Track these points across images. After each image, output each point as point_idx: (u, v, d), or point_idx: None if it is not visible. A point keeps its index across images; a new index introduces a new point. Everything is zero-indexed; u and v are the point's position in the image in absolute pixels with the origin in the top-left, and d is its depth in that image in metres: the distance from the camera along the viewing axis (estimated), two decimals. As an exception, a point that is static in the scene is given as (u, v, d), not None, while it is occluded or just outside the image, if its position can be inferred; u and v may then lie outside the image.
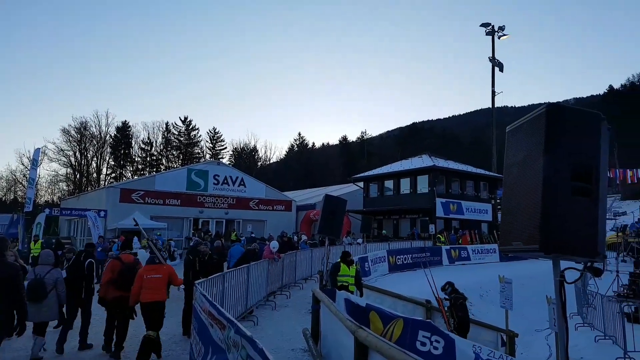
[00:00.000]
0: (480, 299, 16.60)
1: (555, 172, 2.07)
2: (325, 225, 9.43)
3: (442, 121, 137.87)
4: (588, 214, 2.08)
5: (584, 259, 2.16)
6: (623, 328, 9.88)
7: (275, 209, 33.43)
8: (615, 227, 29.56)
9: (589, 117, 2.22)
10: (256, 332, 8.83)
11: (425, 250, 23.61)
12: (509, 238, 2.33)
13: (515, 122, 2.44)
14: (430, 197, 30.61)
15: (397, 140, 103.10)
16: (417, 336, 6.34)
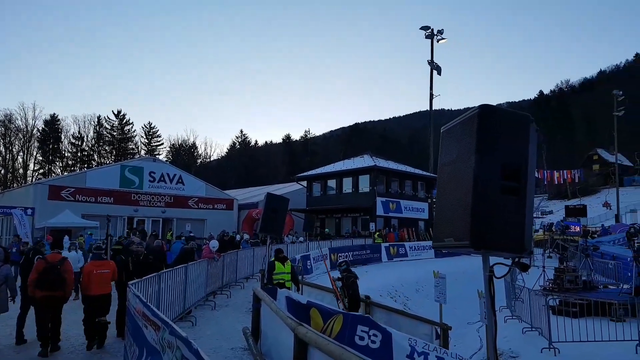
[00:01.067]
0: (416, 293, 17.19)
1: (485, 171, 2.16)
2: (267, 223, 9.36)
3: (383, 122, 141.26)
4: (516, 212, 2.19)
5: (512, 255, 2.28)
6: (548, 320, 10.47)
7: (215, 208, 32.76)
8: (542, 225, 31.63)
9: (519, 119, 2.33)
10: (194, 332, 8.62)
11: (365, 247, 24.09)
12: (442, 235, 2.41)
13: (450, 123, 2.53)
14: (371, 196, 31.25)
15: (340, 140, 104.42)
16: (356, 331, 6.44)
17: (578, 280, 15.93)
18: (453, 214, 2.30)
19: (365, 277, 19.24)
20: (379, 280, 18.08)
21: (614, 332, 10.24)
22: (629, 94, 57.39)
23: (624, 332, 10.22)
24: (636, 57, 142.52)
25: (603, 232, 30.93)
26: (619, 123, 47.04)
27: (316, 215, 34.27)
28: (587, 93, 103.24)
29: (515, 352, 10.35)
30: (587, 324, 10.39)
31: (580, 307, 13.37)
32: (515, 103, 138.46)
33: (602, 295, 14.55)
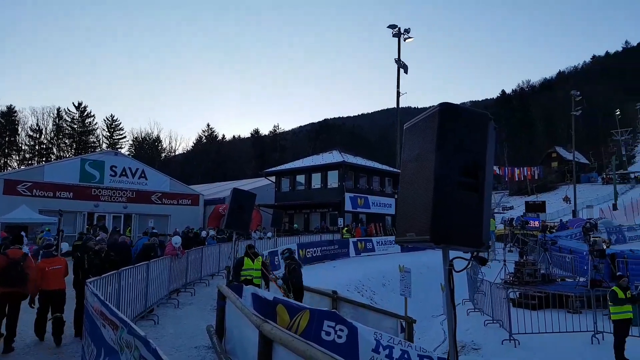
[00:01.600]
0: (383, 287, 17.40)
1: (445, 168, 2.18)
2: (233, 219, 9.24)
3: (352, 119, 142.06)
4: (474, 207, 2.23)
5: (471, 249, 2.32)
6: (509, 312, 10.80)
7: (180, 203, 32.10)
8: (503, 220, 32.56)
9: (478, 117, 2.37)
10: (156, 331, 8.44)
11: (334, 243, 24.19)
12: (404, 230, 2.43)
13: (412, 120, 2.54)
14: (339, 191, 31.37)
15: (309, 136, 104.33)
16: (323, 326, 6.47)
17: (537, 274, 16.47)
18: (415, 210, 2.33)
19: (334, 272, 19.38)
20: (347, 275, 18.22)
21: (571, 324, 10.66)
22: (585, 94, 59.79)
23: (580, 323, 10.65)
24: (593, 58, 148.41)
25: (561, 227, 32.17)
26: (577, 122, 48.87)
27: (285, 210, 34.14)
28: (547, 93, 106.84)
29: (477, 344, 10.62)
30: (546, 316, 10.79)
31: (539, 300, 13.87)
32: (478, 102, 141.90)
33: (560, 288, 15.11)
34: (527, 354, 9.66)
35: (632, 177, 64.58)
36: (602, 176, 69.56)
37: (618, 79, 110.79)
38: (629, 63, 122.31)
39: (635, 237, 27.79)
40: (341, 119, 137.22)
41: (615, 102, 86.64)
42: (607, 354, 8.95)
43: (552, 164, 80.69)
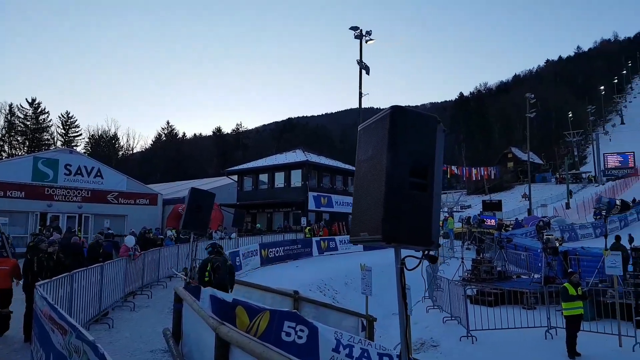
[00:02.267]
0: (345, 286, 17.50)
1: (396, 169, 2.23)
2: (191, 219, 9.05)
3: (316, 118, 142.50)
4: (424, 206, 2.28)
5: (421, 248, 2.36)
6: (466, 309, 11.07)
7: (137, 203, 31.22)
8: (461, 219, 33.40)
9: (427, 120, 2.43)
10: (110, 335, 8.19)
11: (297, 242, 24.15)
12: (358, 229, 2.46)
13: (366, 122, 2.58)
14: (303, 190, 31.39)
15: (273, 134, 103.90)
16: (283, 327, 6.43)
17: (493, 271, 16.96)
18: (368, 209, 2.36)
19: (296, 272, 19.35)
20: (310, 274, 18.23)
21: (525, 320, 11.00)
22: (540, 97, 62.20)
23: (534, 319, 11.02)
24: (547, 62, 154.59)
25: (516, 225, 33.30)
26: (531, 124, 50.74)
27: (247, 210, 33.88)
28: (503, 95, 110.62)
29: (436, 341, 10.83)
30: (502, 312, 11.10)
31: (495, 296, 14.28)
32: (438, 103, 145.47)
33: (515, 284, 15.60)
34: (483, 350, 9.93)
35: (584, 177, 67.57)
36: (556, 176, 72.49)
37: (570, 82, 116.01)
38: (580, 67, 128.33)
39: (587, 235, 29.07)
40: (305, 118, 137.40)
41: (568, 104, 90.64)
42: (560, 349, 9.31)
43: (508, 164, 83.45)
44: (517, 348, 9.89)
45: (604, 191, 45.44)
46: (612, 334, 9.66)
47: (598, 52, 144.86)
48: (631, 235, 14.69)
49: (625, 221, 31.94)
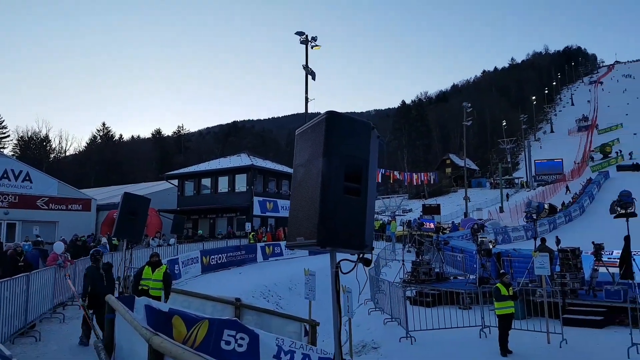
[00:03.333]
0: (289, 292, 17.43)
1: (331, 173, 2.25)
2: (124, 226, 8.62)
3: (263, 122, 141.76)
4: (357, 211, 2.31)
5: (355, 251, 2.38)
6: (405, 310, 11.32)
7: (70, 209, 29.54)
8: (402, 222, 34.26)
9: (362, 125, 2.47)
10: (37, 348, 7.68)
11: (240, 248, 23.76)
12: (294, 234, 2.44)
13: (303, 126, 2.58)
14: (248, 195, 30.99)
15: (217, 137, 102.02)
16: (223, 335, 6.30)
17: (432, 273, 17.48)
18: (304, 214, 2.36)
19: (239, 278, 19.03)
20: (253, 281, 18.01)
21: (461, 319, 11.41)
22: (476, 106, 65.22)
23: (469, 318, 11.45)
24: (483, 73, 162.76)
25: (453, 228, 34.64)
26: (468, 132, 53.10)
27: (188, 216, 32.96)
28: (442, 104, 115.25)
29: (377, 343, 11.00)
30: (439, 313, 11.45)
31: (433, 297, 14.73)
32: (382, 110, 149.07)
33: (452, 285, 16.18)
34: (422, 350, 10.20)
35: (517, 183, 71.44)
36: (490, 181, 76.14)
37: (505, 92, 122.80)
38: (514, 78, 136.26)
39: (519, 237, 30.68)
40: (251, 121, 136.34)
41: (502, 113, 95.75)
42: (493, 346, 9.71)
43: (447, 170, 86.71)
44: (453, 347, 10.24)
45: (535, 195, 48.21)
46: (541, 332, 10.17)
47: (530, 64, 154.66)
48: (558, 237, 15.66)
49: (554, 224, 34.02)
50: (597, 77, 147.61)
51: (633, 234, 11.72)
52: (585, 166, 67.83)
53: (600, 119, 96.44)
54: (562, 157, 69.29)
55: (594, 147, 77.78)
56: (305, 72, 23.92)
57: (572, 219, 36.89)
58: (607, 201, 12.57)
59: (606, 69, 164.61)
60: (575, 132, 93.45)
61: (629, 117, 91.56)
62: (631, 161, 62.44)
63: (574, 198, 43.08)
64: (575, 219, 37.07)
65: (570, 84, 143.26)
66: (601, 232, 18.05)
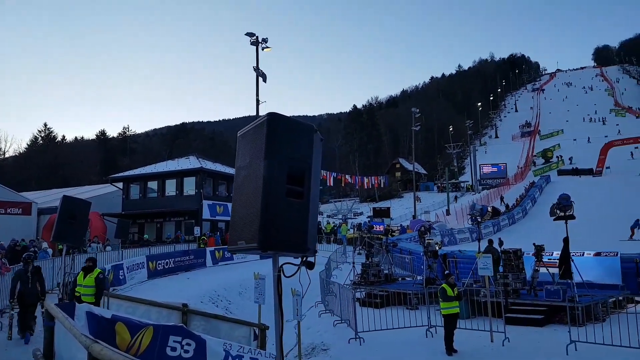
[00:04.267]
0: (239, 296, 17.22)
1: (273, 176, 2.24)
2: (63, 230, 8.23)
3: (213, 124, 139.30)
4: (300, 214, 2.31)
5: (297, 254, 2.39)
6: (354, 312, 11.46)
7: (8, 213, 27.87)
8: (352, 225, 34.72)
9: (304, 128, 2.47)
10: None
11: (189, 253, 23.22)
12: (236, 238, 2.42)
13: (245, 128, 2.55)
14: (197, 199, 30.36)
15: (164, 139, 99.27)
16: (168, 342, 6.17)
17: (381, 274, 17.81)
18: (245, 217, 2.34)
19: (188, 283, 18.59)
20: (202, 286, 17.66)
21: (409, 319, 11.68)
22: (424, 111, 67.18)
23: (416, 318, 11.74)
24: (431, 79, 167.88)
25: (402, 230, 35.48)
26: (416, 136, 54.58)
27: (134, 220, 31.85)
28: (392, 109, 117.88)
29: (326, 345, 11.07)
30: (387, 314, 11.68)
31: (382, 298, 15.02)
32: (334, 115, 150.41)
33: (400, 286, 16.54)
34: (370, 351, 10.35)
35: (462, 186, 74.09)
36: (437, 185, 78.54)
37: (452, 98, 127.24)
38: (461, 85, 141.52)
39: (464, 239, 31.82)
40: (201, 123, 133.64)
41: (449, 119, 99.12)
42: (439, 346, 9.97)
43: (396, 174, 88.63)
44: (401, 347, 10.46)
45: (480, 199, 50.16)
46: (484, 331, 10.52)
47: (476, 71, 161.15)
48: (501, 239, 16.36)
49: (498, 226, 35.54)
50: (539, 84, 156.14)
51: (571, 236, 12.37)
52: (528, 170, 71.28)
53: (542, 125, 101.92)
54: (506, 161, 72.54)
55: (536, 152, 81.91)
56: (256, 73, 23.77)
57: (515, 221, 38.64)
58: (548, 204, 13.24)
59: (548, 76, 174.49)
60: (519, 138, 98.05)
61: (569, 124, 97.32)
62: (571, 166, 66.01)
63: (508, 208, 44.42)
64: (519, 221, 38.84)
65: (514, 91, 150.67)
66: (542, 234, 18.99)
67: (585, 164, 61.16)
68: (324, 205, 65.69)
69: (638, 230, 24.29)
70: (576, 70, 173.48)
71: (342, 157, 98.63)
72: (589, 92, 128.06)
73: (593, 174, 56.83)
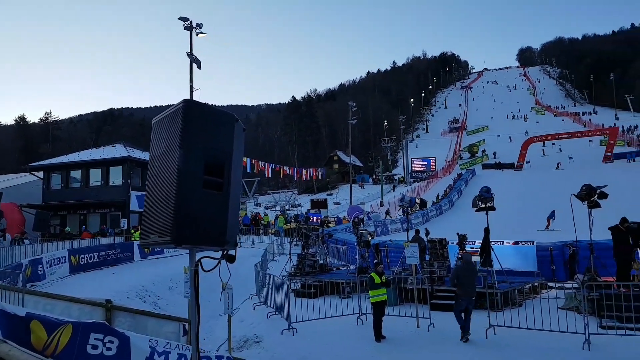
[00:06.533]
0: (169, 291, 16.70)
1: (189, 166, 2.13)
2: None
3: (143, 110, 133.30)
4: (219, 206, 2.22)
5: (215, 248, 2.32)
6: (288, 302, 11.47)
7: None
8: (290, 217, 34.80)
9: (224, 116, 2.37)
10: None
11: (114, 247, 22.15)
12: (149, 231, 2.30)
13: (160, 115, 2.42)
14: (124, 189, 29.02)
15: (90, 126, 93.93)
16: (89, 340, 5.92)
17: (316, 265, 18.00)
18: (159, 210, 2.22)
19: (113, 278, 17.75)
20: (129, 281, 16.93)
21: (341, 308, 11.88)
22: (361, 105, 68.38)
23: (348, 307, 11.96)
24: (368, 74, 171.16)
25: (338, 222, 36.07)
26: (353, 130, 55.53)
27: (55, 211, 29.93)
28: (330, 102, 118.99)
29: (259, 337, 11.01)
30: (321, 303, 11.82)
31: (316, 288, 15.17)
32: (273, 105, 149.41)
33: (335, 276, 16.79)
34: (303, 340, 10.42)
35: (395, 179, 76.46)
36: (373, 177, 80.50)
37: (386, 93, 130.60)
38: (395, 80, 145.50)
39: (396, 229, 32.82)
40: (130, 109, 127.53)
41: (384, 113, 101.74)
42: (369, 332, 10.21)
43: (334, 166, 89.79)
44: (332, 335, 10.63)
45: (411, 191, 51.94)
46: (411, 317, 10.93)
47: (410, 67, 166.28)
48: (427, 229, 17.06)
49: (427, 217, 37.02)
50: (467, 82, 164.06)
51: (492, 226, 13.11)
52: (455, 164, 74.85)
53: (469, 121, 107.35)
54: (435, 155, 75.75)
55: (463, 147, 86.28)
56: (189, 59, 22.98)
57: (443, 212, 40.42)
58: (472, 196, 13.93)
59: (476, 75, 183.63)
60: (447, 133, 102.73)
61: (494, 120, 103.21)
62: (495, 160, 70.24)
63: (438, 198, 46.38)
64: (445, 212, 40.66)
65: (444, 88, 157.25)
66: (466, 224, 19.97)
67: (507, 159, 65.18)
68: (263, 196, 65.29)
69: (554, 221, 26.07)
70: (501, 70, 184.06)
71: (281, 148, 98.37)
72: (513, 91, 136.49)
73: (514, 168, 60.64)
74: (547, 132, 70.85)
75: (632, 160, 55.05)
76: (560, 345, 8.67)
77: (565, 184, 20.59)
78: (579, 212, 11.57)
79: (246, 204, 40.92)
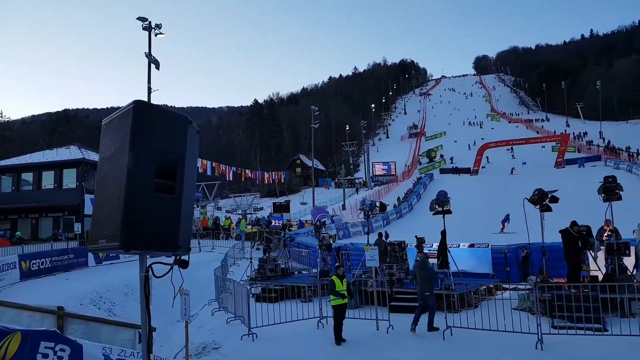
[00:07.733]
0: (125, 297, 16.19)
1: (139, 169, 2.07)
2: None
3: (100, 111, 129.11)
4: (171, 210, 2.17)
5: (167, 253, 2.27)
6: (248, 307, 11.33)
7: None
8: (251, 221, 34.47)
9: (177, 118, 2.32)
10: None
11: (68, 252, 21.29)
12: (97, 236, 2.22)
13: (110, 116, 2.35)
14: (78, 193, 28.01)
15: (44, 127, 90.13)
16: (39, 348, 5.70)
17: (277, 269, 17.90)
18: (107, 214, 2.15)
19: (66, 285, 17.03)
20: (83, 287, 16.30)
21: (302, 312, 11.84)
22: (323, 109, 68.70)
23: (309, 311, 11.94)
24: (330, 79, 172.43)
25: (300, 225, 36.04)
26: (316, 134, 55.68)
27: (5, 215, 28.57)
28: (293, 106, 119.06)
29: (218, 343, 10.83)
30: (282, 307, 11.74)
31: (277, 293, 15.08)
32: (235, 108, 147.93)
33: (296, 280, 16.75)
34: (262, 345, 10.33)
35: (357, 183, 77.14)
36: (335, 181, 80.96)
37: (348, 98, 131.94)
38: (356, 86, 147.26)
39: (357, 232, 33.09)
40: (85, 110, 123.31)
41: (346, 118, 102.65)
42: (329, 336, 10.22)
43: (297, 169, 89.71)
44: (292, 339, 10.59)
45: (372, 194, 52.51)
46: (371, 319, 11.01)
47: (371, 73, 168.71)
48: (387, 232, 17.28)
49: (387, 220, 37.54)
50: (426, 89, 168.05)
51: (448, 229, 13.41)
52: (414, 168, 76.37)
53: (428, 127, 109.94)
54: (395, 160, 77.05)
55: (422, 152, 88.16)
56: (148, 60, 22.45)
57: (402, 215, 41.11)
58: (430, 200, 14.23)
59: (434, 82, 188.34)
60: (407, 138, 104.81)
61: (451, 126, 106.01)
62: (452, 165, 72.25)
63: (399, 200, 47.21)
64: (405, 215, 41.38)
65: (404, 95, 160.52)
66: (424, 227, 20.35)
67: (464, 164, 67.05)
68: (224, 200, 64.41)
69: (508, 224, 26.93)
70: (459, 77, 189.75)
71: (243, 151, 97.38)
72: (469, 98, 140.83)
73: (470, 173, 62.44)
74: (502, 138, 73.35)
75: (582, 165, 57.53)
76: (515, 345, 8.96)
77: (519, 188, 21.35)
78: (532, 216, 11.99)
79: (206, 208, 40.29)
